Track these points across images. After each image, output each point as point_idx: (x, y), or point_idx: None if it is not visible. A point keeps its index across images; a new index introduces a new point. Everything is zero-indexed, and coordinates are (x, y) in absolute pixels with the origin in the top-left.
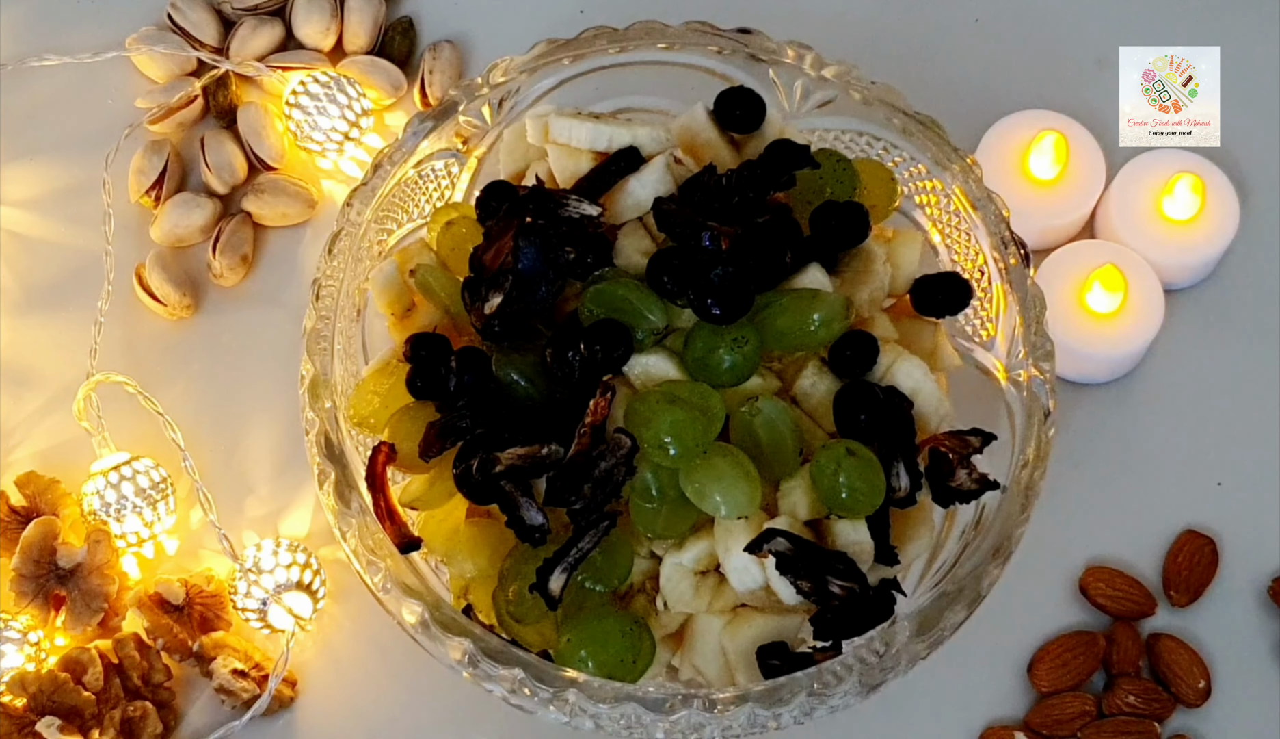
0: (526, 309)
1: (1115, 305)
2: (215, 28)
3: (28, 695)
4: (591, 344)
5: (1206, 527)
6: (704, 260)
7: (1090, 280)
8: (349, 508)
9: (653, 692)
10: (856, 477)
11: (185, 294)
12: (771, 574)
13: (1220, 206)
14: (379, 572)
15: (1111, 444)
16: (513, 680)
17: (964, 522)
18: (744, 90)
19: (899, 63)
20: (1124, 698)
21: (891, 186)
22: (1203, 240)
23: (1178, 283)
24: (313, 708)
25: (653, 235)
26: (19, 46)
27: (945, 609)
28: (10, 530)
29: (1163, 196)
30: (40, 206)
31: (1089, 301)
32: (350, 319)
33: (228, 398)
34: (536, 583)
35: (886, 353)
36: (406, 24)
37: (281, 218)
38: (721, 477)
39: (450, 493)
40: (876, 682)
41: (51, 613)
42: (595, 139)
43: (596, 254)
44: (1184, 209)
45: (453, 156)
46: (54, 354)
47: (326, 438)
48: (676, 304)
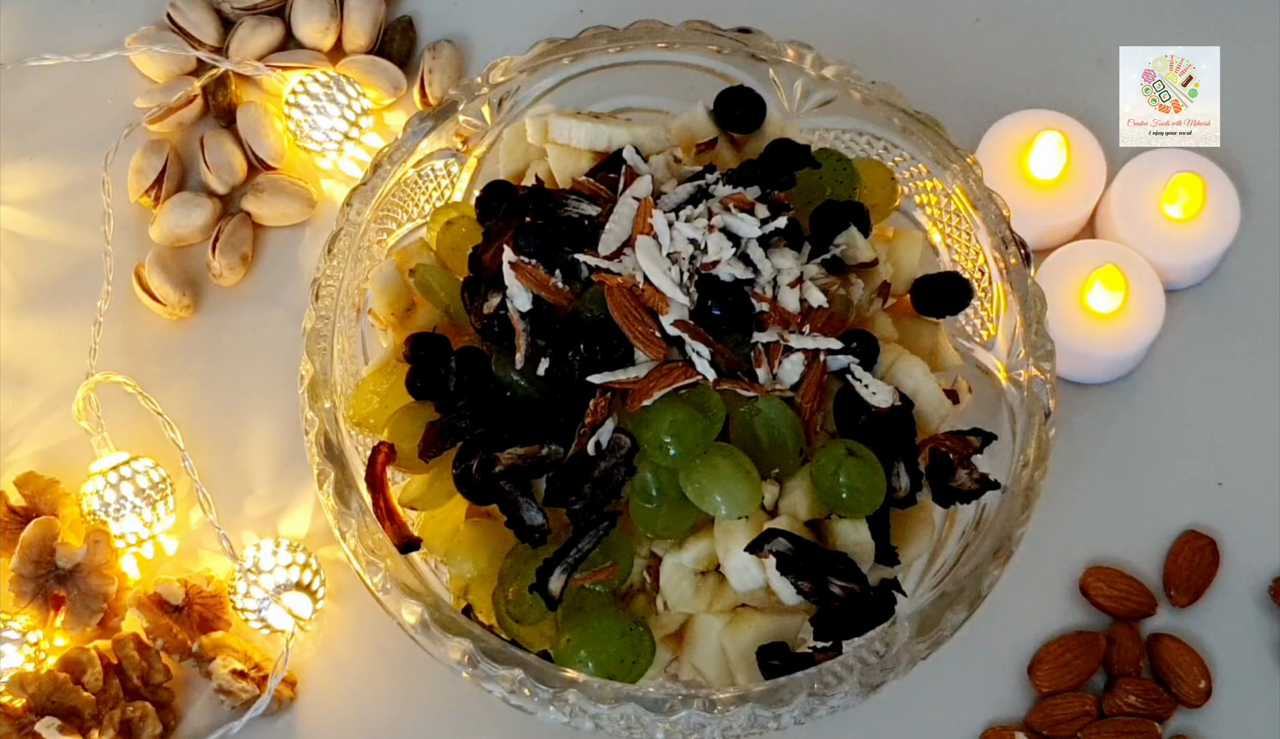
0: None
1: (1115, 305)
2: (215, 27)
3: (27, 696)
4: (591, 344)
5: (1207, 527)
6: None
7: (1090, 280)
8: (349, 508)
9: (653, 692)
10: (857, 477)
11: (185, 294)
12: (772, 574)
13: (1220, 206)
14: (379, 572)
15: (1112, 444)
16: (513, 681)
17: (964, 522)
18: (744, 90)
19: (899, 63)
20: (1124, 698)
21: (891, 186)
22: (1203, 240)
23: (1178, 283)
24: (312, 708)
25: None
26: (18, 46)
27: (946, 609)
28: (10, 530)
29: (1163, 196)
30: (40, 206)
31: (1089, 301)
32: (350, 319)
33: (227, 398)
34: (536, 583)
35: (886, 353)
36: (406, 24)
37: (281, 217)
38: (721, 477)
39: (450, 493)
40: (877, 682)
41: (51, 613)
42: (595, 139)
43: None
44: (1184, 209)
45: (452, 156)
46: (53, 354)
47: (326, 438)
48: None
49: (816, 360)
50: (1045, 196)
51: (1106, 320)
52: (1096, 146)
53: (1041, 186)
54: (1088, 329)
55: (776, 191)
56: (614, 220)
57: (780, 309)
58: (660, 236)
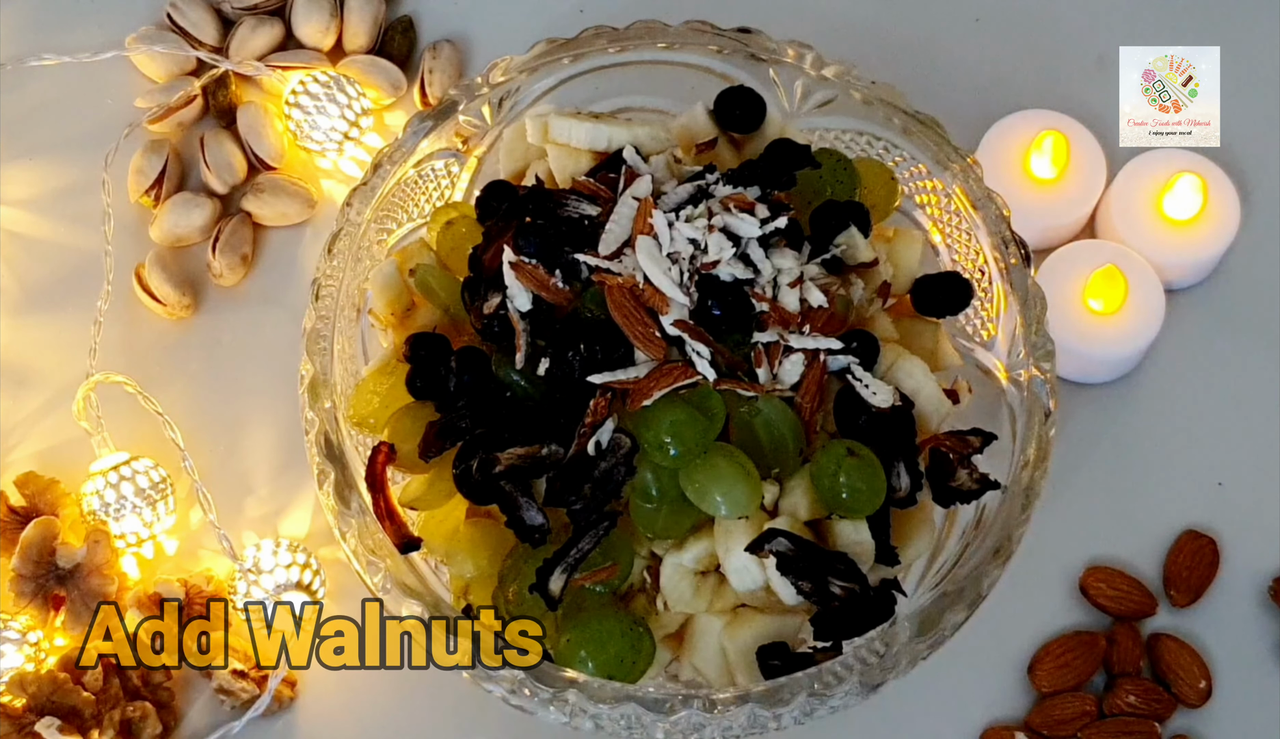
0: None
1: (1115, 305)
2: (215, 27)
3: (27, 696)
4: (591, 344)
5: (1207, 527)
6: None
7: (1090, 280)
8: (349, 508)
9: (653, 692)
10: (857, 477)
11: (185, 294)
12: (772, 574)
13: (1220, 206)
14: (379, 572)
15: (1112, 444)
16: (513, 681)
17: (964, 522)
18: (744, 90)
19: (899, 63)
20: (1124, 698)
21: (891, 186)
22: (1203, 240)
23: (1178, 283)
24: (312, 708)
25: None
26: (18, 46)
27: (946, 609)
28: (10, 530)
29: (1163, 196)
30: (40, 206)
31: (1089, 302)
32: (350, 319)
33: (227, 398)
34: (536, 583)
35: (886, 353)
36: (406, 23)
37: (281, 217)
38: (721, 477)
39: (450, 493)
40: (877, 682)
41: (51, 613)
42: (595, 139)
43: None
44: (1184, 209)
45: (452, 156)
46: (53, 354)
47: (326, 438)
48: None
49: (816, 360)
50: (1045, 196)
51: (1106, 320)
52: (1096, 146)
53: (1041, 186)
54: (1088, 329)
55: (777, 191)
56: (614, 220)
57: (780, 309)
58: (660, 236)
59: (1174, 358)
